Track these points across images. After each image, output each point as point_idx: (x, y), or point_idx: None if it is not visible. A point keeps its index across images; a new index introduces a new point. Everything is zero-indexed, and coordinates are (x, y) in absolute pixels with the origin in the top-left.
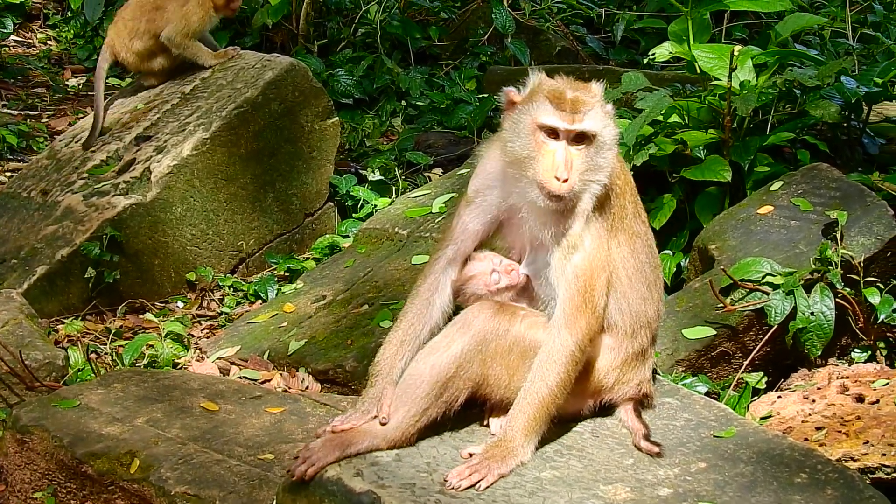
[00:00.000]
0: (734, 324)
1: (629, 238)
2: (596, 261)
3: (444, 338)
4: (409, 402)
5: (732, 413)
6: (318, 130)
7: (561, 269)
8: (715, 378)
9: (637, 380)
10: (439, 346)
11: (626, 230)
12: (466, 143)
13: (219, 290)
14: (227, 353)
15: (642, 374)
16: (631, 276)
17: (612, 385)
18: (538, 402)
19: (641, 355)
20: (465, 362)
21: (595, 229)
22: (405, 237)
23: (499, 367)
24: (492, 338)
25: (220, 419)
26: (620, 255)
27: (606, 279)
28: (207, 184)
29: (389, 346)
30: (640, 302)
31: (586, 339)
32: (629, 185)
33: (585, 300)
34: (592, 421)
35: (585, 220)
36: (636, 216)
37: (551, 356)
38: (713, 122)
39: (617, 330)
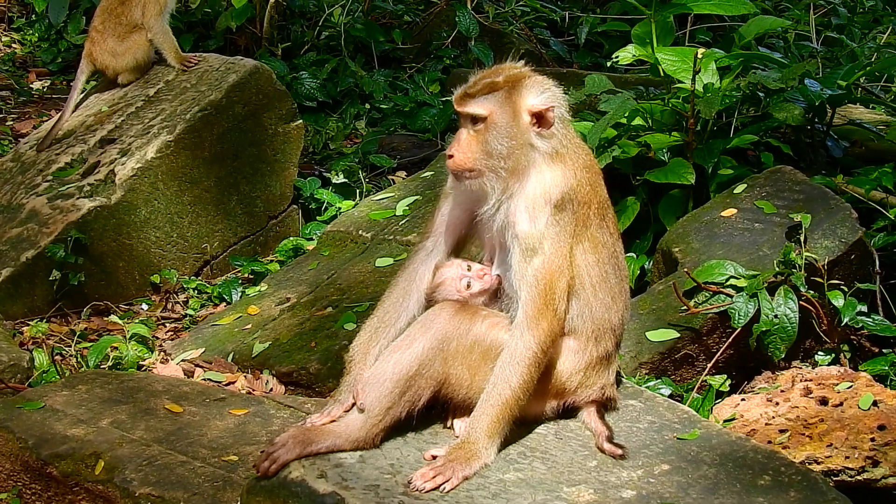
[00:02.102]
0: (698, 326)
1: (594, 247)
2: (555, 264)
3: (407, 337)
4: (373, 400)
5: (696, 415)
6: (281, 133)
7: (521, 272)
8: (678, 380)
9: (601, 383)
10: (402, 344)
11: (590, 239)
12: (430, 146)
13: (183, 292)
14: (191, 355)
15: (606, 378)
16: (595, 284)
17: (575, 388)
18: (501, 404)
19: (606, 360)
20: (427, 361)
21: (555, 233)
22: (369, 240)
23: (460, 367)
24: (452, 337)
25: (185, 421)
26: (585, 262)
27: (567, 283)
28: (171, 186)
29: (364, 332)
30: (604, 310)
31: (548, 340)
32: (597, 195)
33: (546, 303)
34: (556, 423)
35: (545, 223)
36: (602, 226)
37: (514, 357)
38: (677, 124)
39: (580, 334)
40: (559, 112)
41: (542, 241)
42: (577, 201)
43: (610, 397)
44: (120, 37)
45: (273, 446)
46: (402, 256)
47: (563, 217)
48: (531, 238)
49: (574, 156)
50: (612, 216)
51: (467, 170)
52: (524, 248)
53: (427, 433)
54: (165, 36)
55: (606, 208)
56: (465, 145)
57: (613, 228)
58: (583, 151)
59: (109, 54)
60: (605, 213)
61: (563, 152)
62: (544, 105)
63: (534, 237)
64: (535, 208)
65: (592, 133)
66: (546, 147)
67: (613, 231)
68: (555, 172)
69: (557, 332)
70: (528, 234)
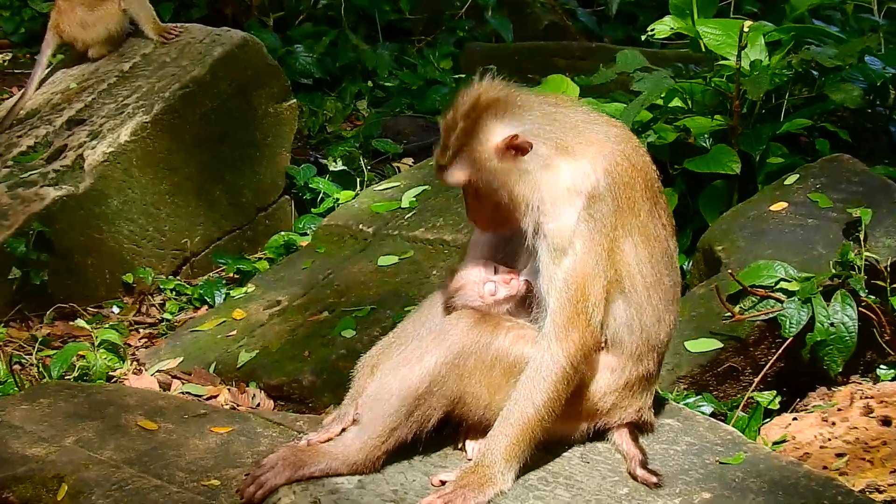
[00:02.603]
0: (743, 335)
1: (646, 240)
2: (588, 266)
3: (418, 349)
4: (375, 419)
5: (741, 437)
6: (273, 114)
7: (550, 275)
8: (721, 397)
9: (637, 406)
10: (411, 357)
11: (642, 230)
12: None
13: (159, 293)
14: (168, 365)
15: (643, 401)
16: (649, 287)
17: (608, 409)
18: (523, 424)
19: (646, 380)
20: (439, 377)
21: (588, 229)
22: (371, 235)
23: (478, 385)
24: (471, 352)
25: (160, 440)
26: (638, 259)
27: (604, 287)
28: (148, 174)
29: (376, 347)
30: (655, 322)
31: (580, 354)
32: (642, 173)
33: (578, 311)
34: (582, 445)
35: (577, 218)
36: (654, 214)
37: (540, 372)
38: (720, 107)
39: (622, 349)
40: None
41: (573, 238)
42: (617, 183)
43: (647, 421)
44: (90, 5)
45: (260, 469)
46: (408, 254)
47: (600, 208)
48: (559, 235)
49: (593, 134)
50: (664, 202)
51: (494, 229)
52: (552, 248)
53: (435, 456)
54: (142, 4)
55: (658, 191)
56: (475, 212)
57: (667, 217)
58: (607, 125)
59: (78, 25)
60: (657, 196)
61: (569, 143)
62: (506, 138)
63: (562, 234)
64: (562, 201)
65: (624, 116)
66: (542, 157)
67: (667, 221)
68: (573, 163)
69: (591, 346)
70: (556, 230)
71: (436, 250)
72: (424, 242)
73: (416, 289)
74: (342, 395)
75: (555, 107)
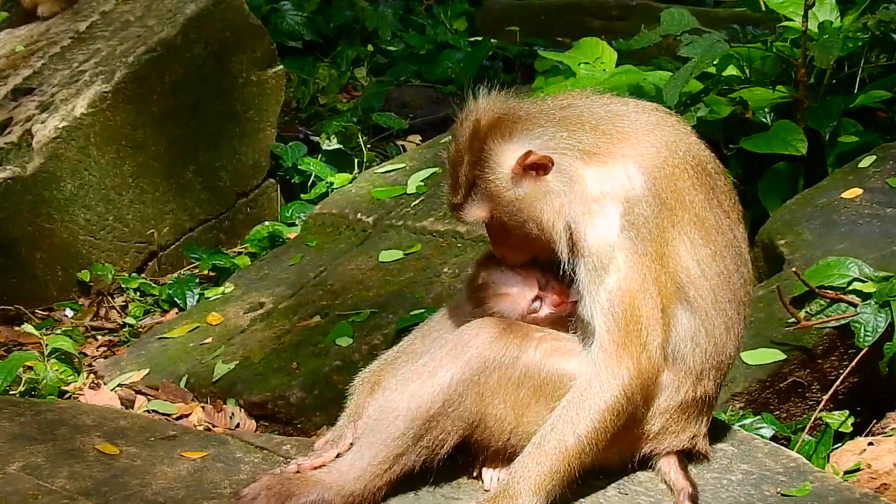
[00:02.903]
0: (810, 345)
1: (706, 235)
2: (635, 281)
3: (431, 361)
4: (378, 443)
5: (807, 464)
6: (255, 83)
7: (592, 296)
8: (784, 418)
9: (691, 432)
10: (423, 371)
11: (699, 223)
12: (453, 101)
13: (121, 294)
14: (131, 378)
15: (699, 427)
16: (716, 289)
17: (657, 433)
18: (559, 454)
19: (704, 403)
20: (455, 396)
21: (629, 240)
22: (370, 226)
23: (502, 406)
24: (494, 366)
25: (122, 466)
26: (697, 259)
27: (657, 304)
28: (108, 153)
29: (378, 361)
30: (723, 331)
31: (636, 384)
32: (688, 158)
33: (629, 335)
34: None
35: (617, 228)
36: (711, 201)
37: (587, 398)
38: (783, 76)
39: (682, 365)
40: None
41: (614, 252)
42: (658, 178)
43: (701, 451)
44: None
45: (239, 501)
46: (415, 248)
47: (641, 212)
48: (598, 251)
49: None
50: (725, 185)
51: (526, 260)
52: (591, 266)
53: (447, 486)
54: None
55: (713, 174)
56: (501, 246)
57: (730, 203)
58: (633, 112)
59: None
60: (713, 180)
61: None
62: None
63: (602, 250)
64: (594, 216)
65: (670, 87)
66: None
67: (731, 207)
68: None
69: (650, 373)
70: (594, 246)
71: (448, 244)
72: (434, 235)
73: (424, 289)
74: (337, 414)
75: (567, 108)
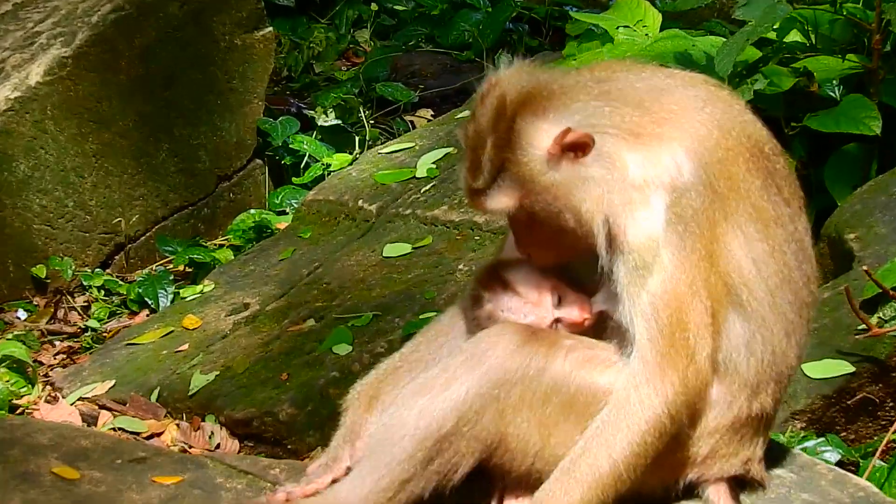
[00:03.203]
0: (883, 356)
1: (763, 228)
2: (682, 282)
3: (444, 372)
4: (381, 466)
5: (878, 494)
6: (240, 48)
7: (632, 300)
8: (852, 440)
9: (745, 455)
10: (435, 383)
11: (753, 214)
12: (470, 70)
13: (83, 292)
14: (94, 390)
15: (754, 450)
16: (774, 290)
17: (704, 457)
18: (592, 481)
19: (760, 421)
20: (471, 413)
21: (676, 235)
22: (373, 215)
23: (525, 424)
24: (517, 379)
25: (83, 493)
26: (752, 255)
27: (707, 308)
28: (68, 128)
29: (376, 371)
30: (783, 337)
31: (680, 400)
32: (743, 139)
33: (675, 344)
34: None
35: (662, 223)
36: (768, 187)
37: (624, 417)
38: (854, 43)
39: (735, 377)
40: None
41: (659, 249)
42: (709, 162)
43: (755, 478)
44: None
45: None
46: (425, 241)
47: (690, 202)
48: (640, 248)
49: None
50: (784, 168)
51: (555, 260)
52: (632, 267)
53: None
54: None
55: (770, 155)
56: (528, 242)
57: (791, 190)
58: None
59: None
60: (771, 164)
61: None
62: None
63: (644, 246)
64: (638, 204)
65: (723, 55)
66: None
67: (791, 194)
68: (640, 152)
69: (697, 389)
70: (635, 242)
71: (463, 236)
72: (447, 226)
73: (436, 289)
74: (333, 433)
75: (606, 82)
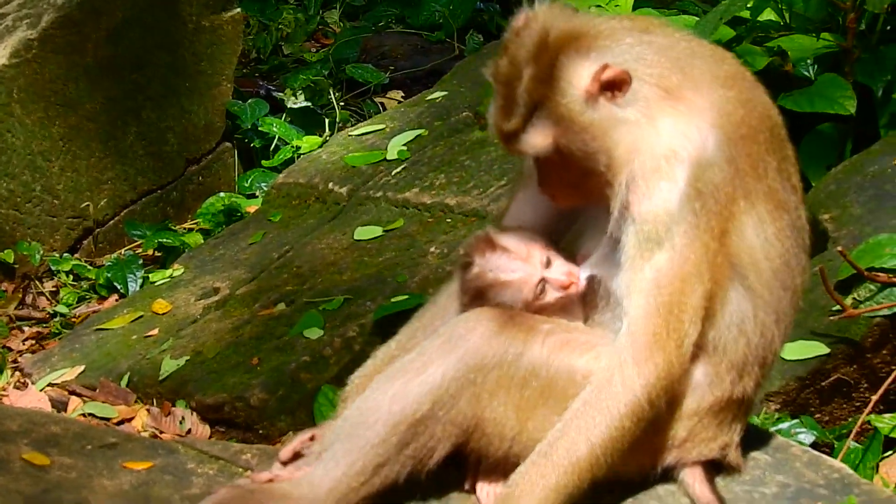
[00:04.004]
0: (858, 337)
1: (775, 210)
2: (690, 264)
3: (420, 356)
4: (355, 450)
5: (853, 475)
6: (208, 29)
7: (634, 273)
8: (827, 421)
9: (723, 440)
10: (409, 367)
11: (769, 198)
12: (441, 50)
13: (51, 277)
14: (63, 376)
15: (731, 435)
16: (776, 272)
17: (683, 440)
18: (569, 465)
19: (740, 405)
20: (447, 397)
21: (692, 213)
22: (344, 198)
23: (502, 408)
24: (493, 364)
25: (54, 479)
26: (763, 237)
27: (704, 295)
28: (34, 111)
29: (373, 359)
30: (773, 321)
31: (661, 385)
32: (765, 119)
33: (669, 325)
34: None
35: (678, 199)
36: (782, 172)
37: (604, 399)
38: (829, 21)
39: (722, 357)
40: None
41: (672, 225)
42: (734, 139)
43: (731, 463)
44: None
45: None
46: (397, 224)
47: (711, 178)
48: (654, 220)
49: (696, 77)
50: (793, 155)
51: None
52: (642, 237)
53: (435, 502)
54: None
55: (784, 140)
56: (554, 183)
57: (797, 177)
58: (711, 61)
59: None
60: (784, 148)
61: (670, 90)
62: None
63: (658, 219)
64: (660, 173)
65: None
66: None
67: (797, 182)
68: (673, 119)
69: (677, 375)
70: (650, 213)
71: (435, 219)
72: (419, 208)
73: (408, 272)
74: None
75: (649, 33)
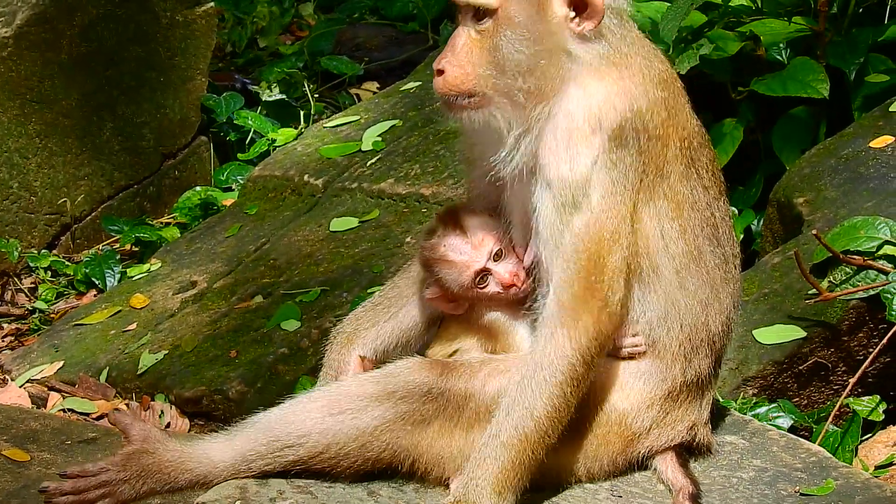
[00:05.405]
0: (834, 320)
1: (676, 208)
2: (607, 226)
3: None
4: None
5: (831, 459)
6: (182, 23)
7: (555, 238)
8: (804, 405)
9: (688, 421)
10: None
11: (669, 195)
12: (415, 41)
13: (29, 274)
14: (43, 372)
15: (696, 414)
16: (680, 268)
17: (647, 429)
18: (517, 442)
19: (697, 386)
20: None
21: (609, 179)
22: (320, 190)
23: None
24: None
25: (33, 475)
26: (662, 233)
27: (624, 257)
28: (10, 108)
29: (369, 301)
30: (698, 308)
31: (593, 345)
32: (678, 126)
33: (591, 286)
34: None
35: (593, 163)
36: (688, 175)
37: (540, 370)
38: (801, 5)
39: (662, 349)
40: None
41: (588, 189)
42: (647, 134)
43: (702, 442)
44: None
45: (87, 480)
46: (372, 215)
47: (624, 156)
48: (570, 185)
49: (640, 63)
50: (707, 159)
51: (465, 93)
52: (559, 202)
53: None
54: None
55: (697, 147)
56: (464, 54)
57: (711, 178)
58: (654, 58)
59: None
60: (695, 154)
61: (620, 59)
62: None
63: (574, 183)
64: (575, 139)
65: (668, 21)
66: (591, 53)
67: (711, 182)
68: (608, 87)
69: (608, 333)
70: (566, 178)
71: (410, 209)
72: (394, 199)
73: (384, 262)
74: None
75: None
